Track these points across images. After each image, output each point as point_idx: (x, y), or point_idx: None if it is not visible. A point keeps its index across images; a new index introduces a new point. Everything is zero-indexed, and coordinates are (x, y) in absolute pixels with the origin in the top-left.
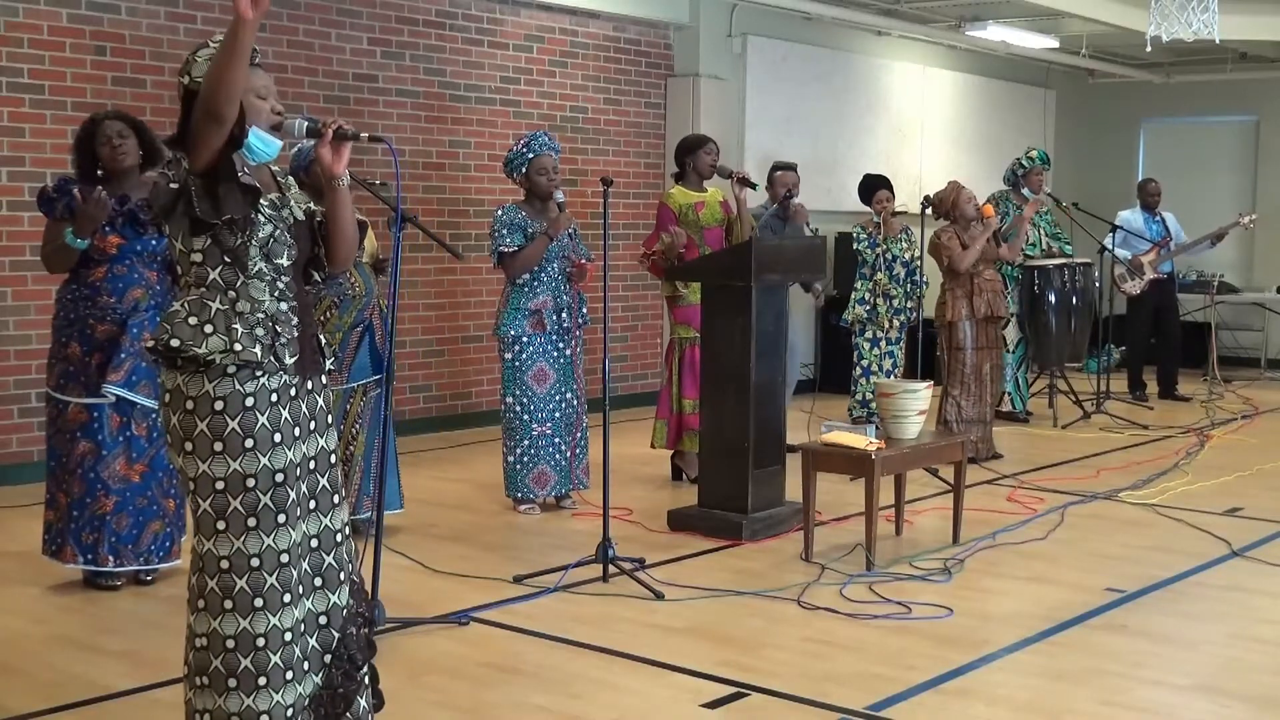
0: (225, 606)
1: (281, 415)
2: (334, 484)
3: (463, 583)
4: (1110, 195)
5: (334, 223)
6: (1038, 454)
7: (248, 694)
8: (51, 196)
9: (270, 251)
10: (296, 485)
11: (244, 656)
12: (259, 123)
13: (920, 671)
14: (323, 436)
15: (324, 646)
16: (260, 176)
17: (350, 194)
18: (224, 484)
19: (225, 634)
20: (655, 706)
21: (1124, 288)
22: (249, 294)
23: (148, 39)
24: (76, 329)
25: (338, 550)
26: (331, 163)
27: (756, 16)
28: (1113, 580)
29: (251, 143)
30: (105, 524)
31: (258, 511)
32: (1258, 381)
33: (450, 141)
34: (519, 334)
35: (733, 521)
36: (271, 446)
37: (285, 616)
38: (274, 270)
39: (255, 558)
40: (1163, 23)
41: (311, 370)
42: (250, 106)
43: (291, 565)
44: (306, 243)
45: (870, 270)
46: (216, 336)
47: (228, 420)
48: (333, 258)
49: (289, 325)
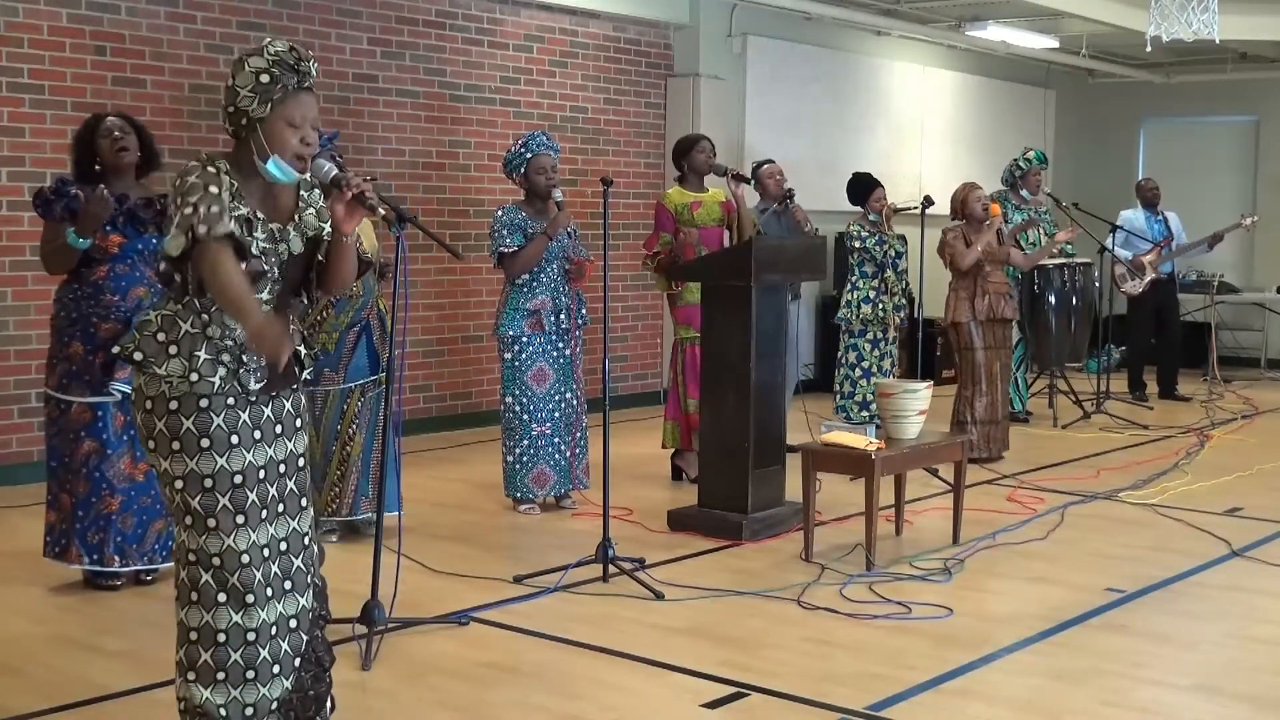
0: (191, 599)
1: (240, 418)
2: (301, 488)
3: (463, 583)
4: (1110, 195)
5: (331, 265)
6: (1038, 454)
7: (235, 686)
8: (50, 198)
9: (254, 287)
10: (259, 487)
11: (234, 650)
12: (284, 150)
13: (920, 671)
14: (291, 440)
15: (294, 650)
16: (279, 194)
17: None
18: (183, 483)
19: (190, 625)
20: (655, 706)
21: (1125, 288)
22: (223, 320)
23: (148, 39)
24: (79, 328)
25: (305, 553)
26: (343, 220)
27: (756, 16)
28: (1113, 580)
29: (270, 169)
30: (111, 523)
31: (216, 512)
32: (1258, 381)
33: (450, 141)
34: (518, 334)
35: (733, 521)
36: (229, 448)
37: (249, 616)
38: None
39: (217, 556)
40: (1163, 23)
41: (281, 386)
42: (276, 135)
43: (254, 566)
44: (298, 271)
45: (876, 269)
46: (179, 360)
47: (182, 420)
48: (324, 289)
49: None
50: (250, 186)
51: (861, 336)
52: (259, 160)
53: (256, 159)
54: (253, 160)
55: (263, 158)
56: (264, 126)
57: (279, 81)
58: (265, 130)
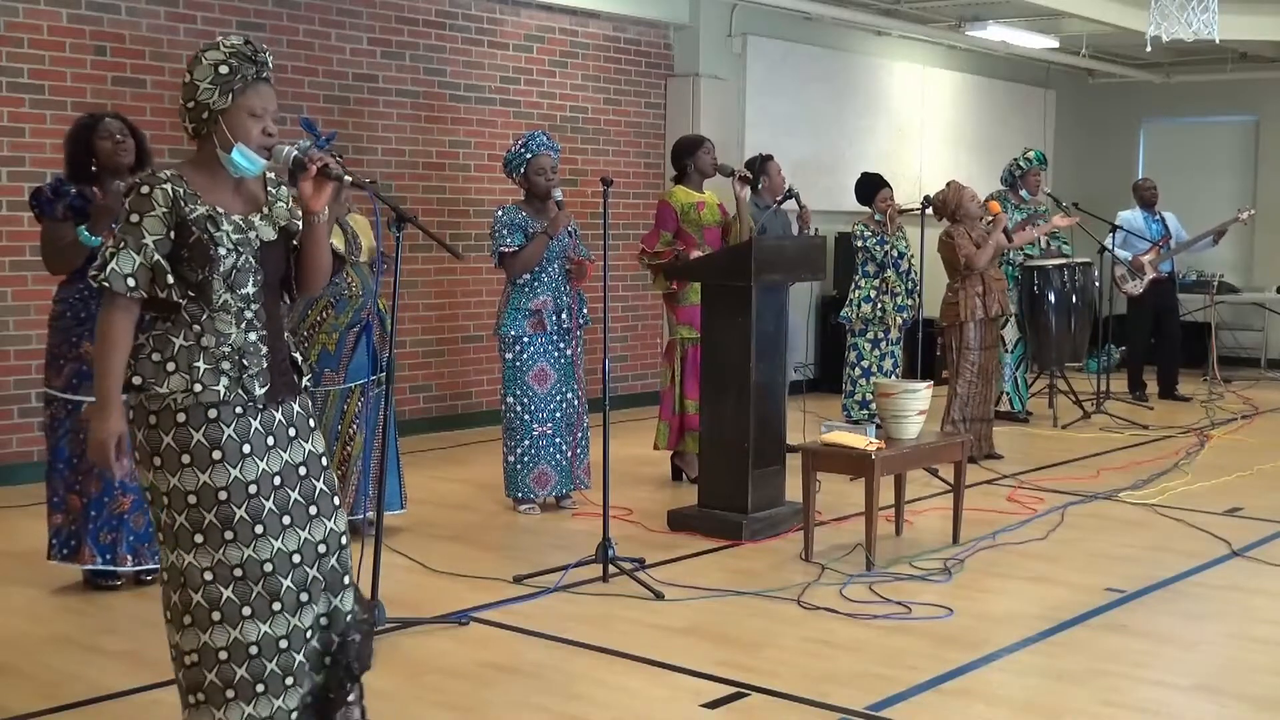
0: (214, 619)
1: (251, 425)
2: (331, 486)
3: (463, 583)
4: (1110, 195)
5: (306, 255)
6: (1038, 454)
7: (247, 702)
8: (50, 197)
9: (234, 282)
10: (276, 493)
11: (239, 666)
12: (247, 141)
13: (920, 671)
14: (307, 441)
15: (324, 647)
16: (247, 189)
17: (333, 223)
18: (196, 497)
19: (216, 646)
20: (655, 706)
21: (1125, 288)
22: (215, 328)
23: (148, 39)
24: (88, 327)
25: (341, 553)
26: (311, 198)
27: (756, 16)
28: (1113, 580)
29: (235, 159)
30: (124, 523)
31: (234, 524)
32: (1258, 382)
33: (450, 141)
34: (519, 334)
35: (733, 521)
36: (241, 457)
37: (278, 624)
38: (241, 300)
39: (238, 568)
40: (1163, 23)
41: (285, 392)
42: (239, 125)
43: (278, 573)
44: (280, 263)
45: (878, 269)
46: (179, 375)
47: (192, 433)
48: (301, 286)
49: (258, 356)
50: (215, 185)
51: (862, 336)
52: (222, 152)
53: (220, 151)
54: (215, 156)
55: (226, 149)
56: (225, 118)
57: (238, 73)
58: (227, 121)
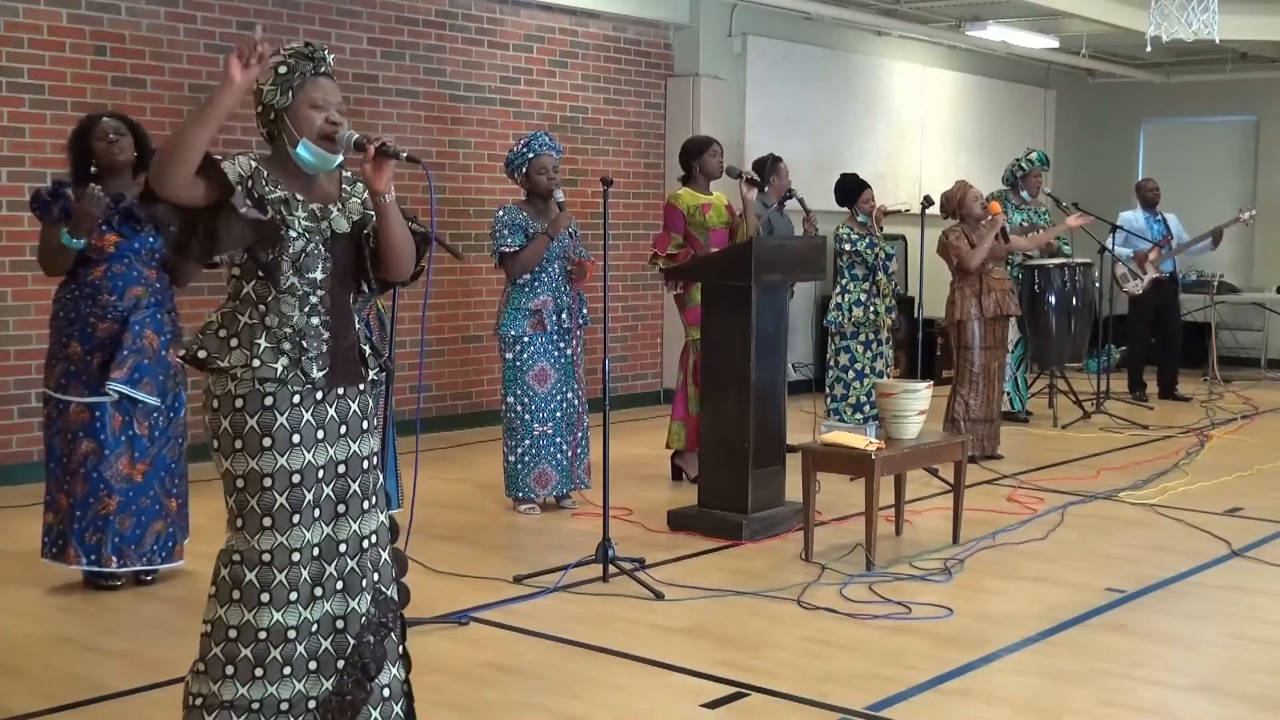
0: (233, 596)
1: (303, 417)
2: (365, 490)
3: (463, 583)
4: (1110, 195)
5: (383, 237)
6: (1038, 454)
7: (243, 683)
8: (46, 199)
9: (303, 266)
10: (316, 487)
11: (244, 647)
12: (310, 134)
13: (920, 671)
14: (355, 441)
15: (338, 650)
16: (320, 185)
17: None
18: (243, 481)
19: (229, 623)
20: (655, 706)
21: (1126, 288)
22: (278, 309)
23: (148, 39)
24: (77, 328)
25: (363, 556)
26: (374, 177)
27: (756, 16)
28: (1113, 580)
29: (301, 154)
30: (109, 524)
31: (274, 511)
32: (1258, 382)
33: (450, 141)
34: (520, 334)
35: (733, 521)
36: (290, 447)
37: (290, 614)
38: (307, 285)
39: (267, 553)
40: (1163, 23)
41: (346, 380)
42: (302, 118)
43: (303, 565)
44: (350, 254)
45: (868, 271)
46: (240, 350)
47: (247, 418)
48: (388, 270)
49: (318, 340)
50: (290, 179)
51: (854, 339)
52: (291, 149)
53: (289, 148)
54: (287, 153)
55: (293, 144)
56: (290, 114)
57: (296, 70)
58: (291, 117)
